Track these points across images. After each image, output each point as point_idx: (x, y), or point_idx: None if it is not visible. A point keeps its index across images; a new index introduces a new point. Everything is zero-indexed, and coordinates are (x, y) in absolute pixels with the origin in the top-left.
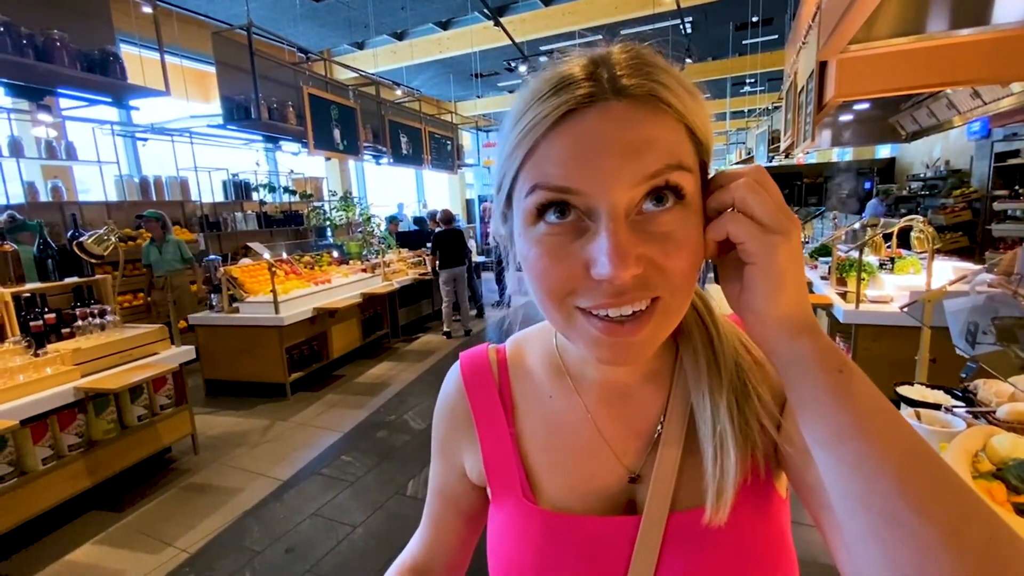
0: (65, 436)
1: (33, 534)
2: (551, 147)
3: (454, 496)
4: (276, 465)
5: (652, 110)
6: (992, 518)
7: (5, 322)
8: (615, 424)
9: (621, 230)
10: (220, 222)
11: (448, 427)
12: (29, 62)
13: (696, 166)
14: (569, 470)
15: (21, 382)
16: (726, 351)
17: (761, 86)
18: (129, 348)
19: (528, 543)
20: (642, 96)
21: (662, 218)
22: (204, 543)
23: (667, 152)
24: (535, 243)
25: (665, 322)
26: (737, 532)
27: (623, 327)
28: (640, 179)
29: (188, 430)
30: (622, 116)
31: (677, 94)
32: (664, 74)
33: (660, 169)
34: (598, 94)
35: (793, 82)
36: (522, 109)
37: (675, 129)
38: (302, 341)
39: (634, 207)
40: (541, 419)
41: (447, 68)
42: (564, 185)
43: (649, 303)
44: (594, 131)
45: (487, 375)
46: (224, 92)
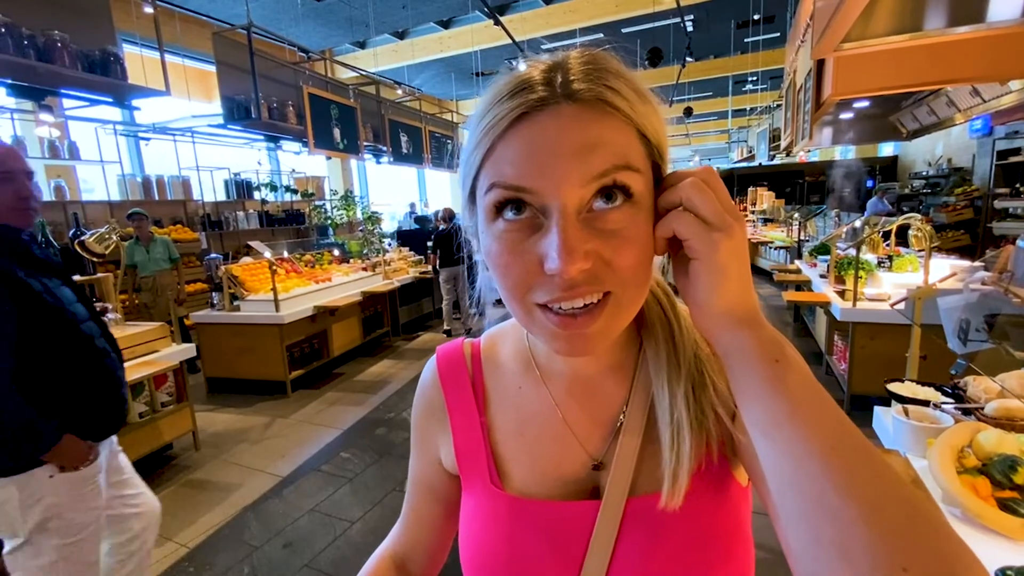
0: None
1: None
2: (507, 148)
3: (431, 486)
4: (276, 462)
5: (600, 113)
6: (912, 497)
7: None
8: (580, 414)
9: (570, 227)
10: (222, 221)
11: (424, 418)
12: (30, 63)
13: (647, 167)
14: (536, 458)
15: None
16: (686, 343)
17: (763, 84)
18: (131, 346)
19: (495, 526)
20: (591, 100)
21: (611, 216)
22: (204, 538)
23: (614, 153)
24: (495, 239)
25: (618, 314)
26: (692, 517)
27: (576, 320)
28: (588, 178)
29: (189, 427)
30: (572, 119)
31: (626, 98)
32: (615, 79)
33: (607, 169)
34: (550, 98)
35: (792, 80)
36: (483, 110)
37: (624, 131)
38: (303, 339)
39: (584, 205)
40: (511, 409)
41: (448, 67)
42: (518, 184)
43: (601, 297)
44: (546, 133)
45: (461, 368)
46: (225, 92)
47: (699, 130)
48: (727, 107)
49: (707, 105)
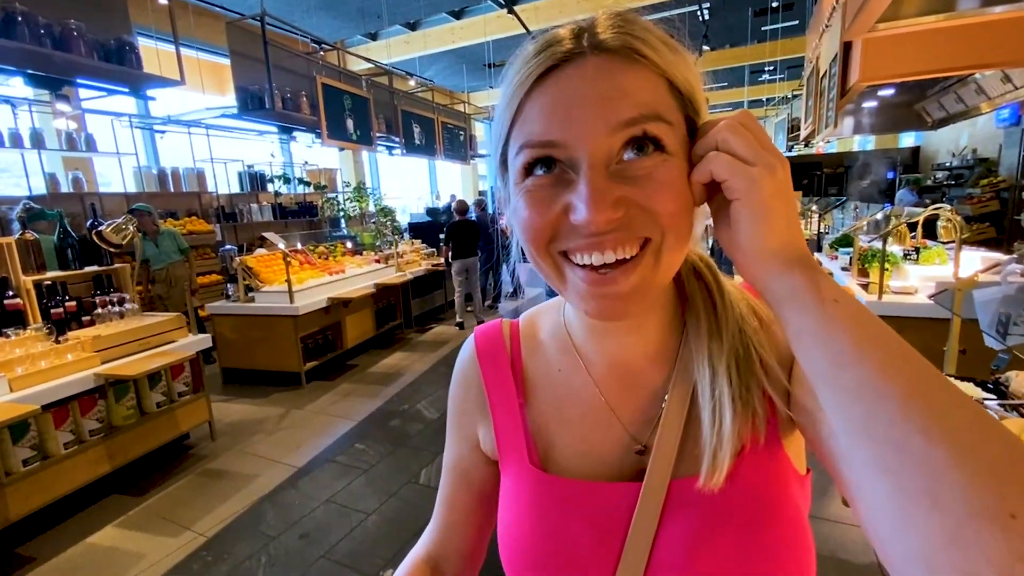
0: (86, 421)
1: (55, 517)
2: (534, 105)
3: (467, 472)
4: (291, 452)
5: (627, 62)
6: (1009, 436)
7: (27, 309)
8: (623, 397)
9: (598, 176)
10: (236, 213)
11: (462, 400)
12: (47, 51)
13: (679, 119)
14: (578, 439)
15: (43, 368)
16: (729, 317)
17: (780, 74)
18: (147, 336)
19: (533, 507)
20: (617, 48)
21: (643, 163)
22: (221, 527)
23: (642, 103)
24: (523, 195)
25: (656, 267)
26: (738, 501)
27: (607, 276)
28: (615, 126)
29: (205, 417)
30: (597, 69)
31: (654, 47)
32: (641, 29)
33: (635, 117)
34: (575, 50)
35: (815, 67)
36: (512, 72)
37: (652, 81)
38: (317, 331)
39: (614, 156)
40: (551, 390)
41: (460, 58)
42: (545, 139)
43: (638, 250)
44: (571, 85)
45: (500, 348)
46: (238, 82)
47: None
48: (743, 98)
49: (722, 96)
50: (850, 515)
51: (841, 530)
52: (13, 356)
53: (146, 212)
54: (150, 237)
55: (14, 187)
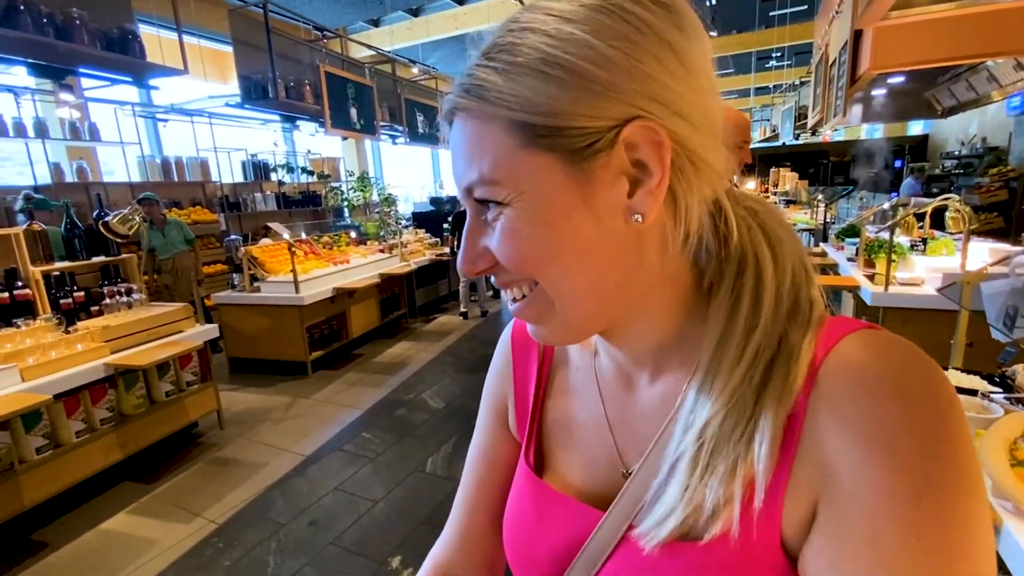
0: (97, 410)
1: (69, 504)
2: None
3: (495, 460)
4: (299, 441)
5: (464, 119)
6: None
7: (36, 300)
8: (622, 411)
9: (468, 231)
10: (240, 202)
11: (496, 381)
12: (50, 41)
13: (531, 157)
14: (575, 447)
15: (53, 358)
16: (741, 349)
17: (788, 60)
18: (156, 326)
19: (520, 507)
20: (457, 111)
21: (491, 218)
22: (231, 515)
23: (469, 168)
24: None
25: (555, 306)
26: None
27: (513, 304)
28: (463, 192)
29: (213, 406)
30: (453, 129)
31: (484, 87)
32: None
33: (467, 186)
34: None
35: (824, 55)
36: None
37: (481, 133)
38: (322, 320)
39: (480, 210)
40: (567, 389)
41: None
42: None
43: (528, 290)
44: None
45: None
46: (241, 71)
47: None
48: (750, 84)
49: (728, 83)
50: None
51: None
52: (24, 346)
53: (154, 202)
54: (157, 227)
55: (17, 176)
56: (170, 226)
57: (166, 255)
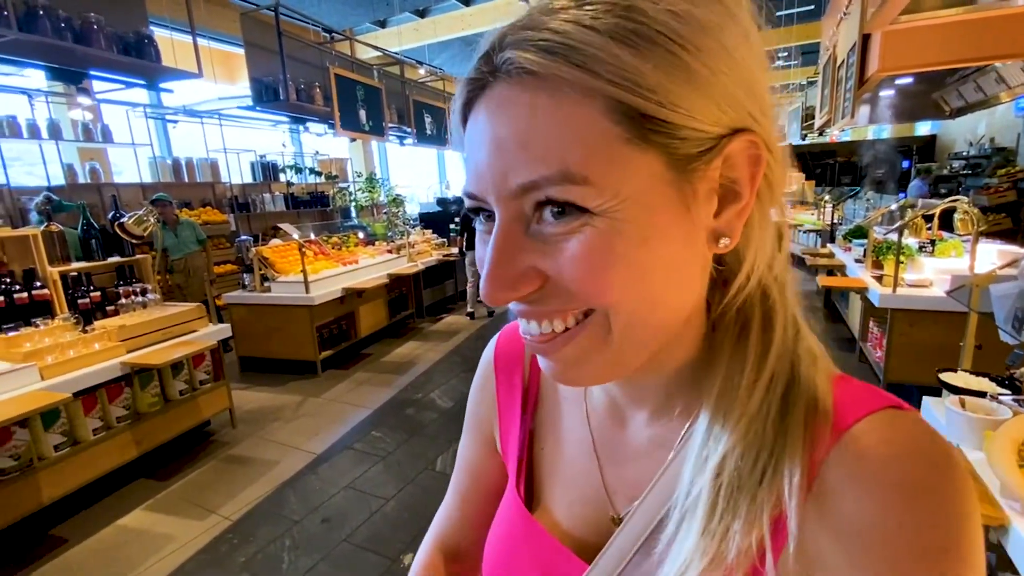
0: (113, 408)
1: (87, 500)
2: (466, 145)
3: (484, 472)
4: (310, 439)
5: (536, 89)
6: None
7: (54, 300)
8: (614, 452)
9: (498, 248)
10: (249, 203)
11: (479, 402)
12: (68, 45)
13: (634, 155)
14: (565, 482)
15: (71, 357)
16: (744, 408)
17: (794, 60)
18: (170, 325)
19: (506, 539)
20: (518, 72)
21: (558, 228)
22: (245, 512)
23: (542, 158)
24: (476, 235)
25: (607, 340)
26: None
27: (541, 344)
28: (512, 192)
29: (226, 404)
30: (498, 105)
31: (587, 53)
32: (575, 27)
33: (528, 183)
34: (482, 78)
35: (832, 56)
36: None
37: (573, 115)
38: (331, 320)
39: (529, 216)
40: (555, 417)
41: (470, 46)
42: (468, 191)
43: (582, 318)
44: (478, 127)
45: (517, 365)
46: (253, 73)
47: None
48: None
49: None
50: None
51: None
52: (43, 345)
53: (167, 202)
54: (170, 227)
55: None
56: (183, 226)
57: (178, 255)
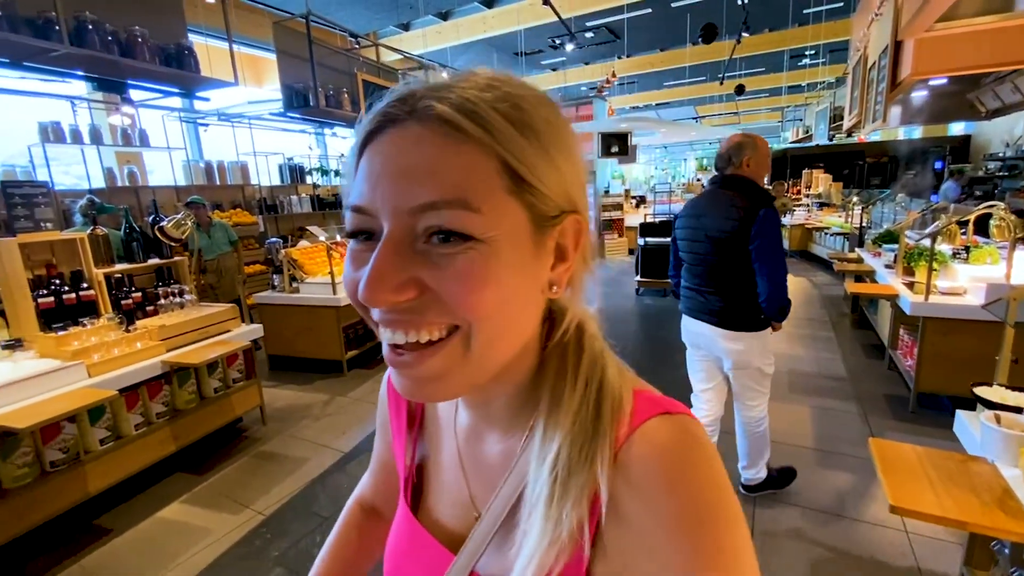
0: (153, 405)
1: (129, 492)
2: (361, 165)
3: (388, 460)
4: (338, 438)
5: (444, 137)
6: None
7: (99, 300)
8: (475, 463)
9: (386, 253)
10: (277, 204)
11: (381, 417)
12: (115, 58)
13: (508, 205)
14: (439, 490)
15: (116, 355)
16: (568, 415)
17: (822, 58)
18: (206, 325)
19: (397, 540)
20: (438, 118)
21: (444, 250)
22: (277, 507)
23: (447, 185)
24: (348, 253)
25: (467, 356)
26: None
27: (402, 358)
28: (416, 207)
29: (257, 402)
30: (414, 139)
31: (488, 122)
32: (480, 102)
33: (434, 201)
34: (397, 115)
35: (863, 57)
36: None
37: (473, 161)
38: (357, 321)
39: (418, 234)
40: (435, 432)
41: (491, 47)
42: (358, 204)
43: (445, 334)
44: (387, 151)
45: None
46: (284, 80)
47: (749, 108)
48: (781, 83)
49: (759, 81)
50: (888, 518)
51: (879, 532)
52: (89, 344)
53: (201, 205)
54: (203, 229)
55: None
56: (215, 228)
57: (211, 256)
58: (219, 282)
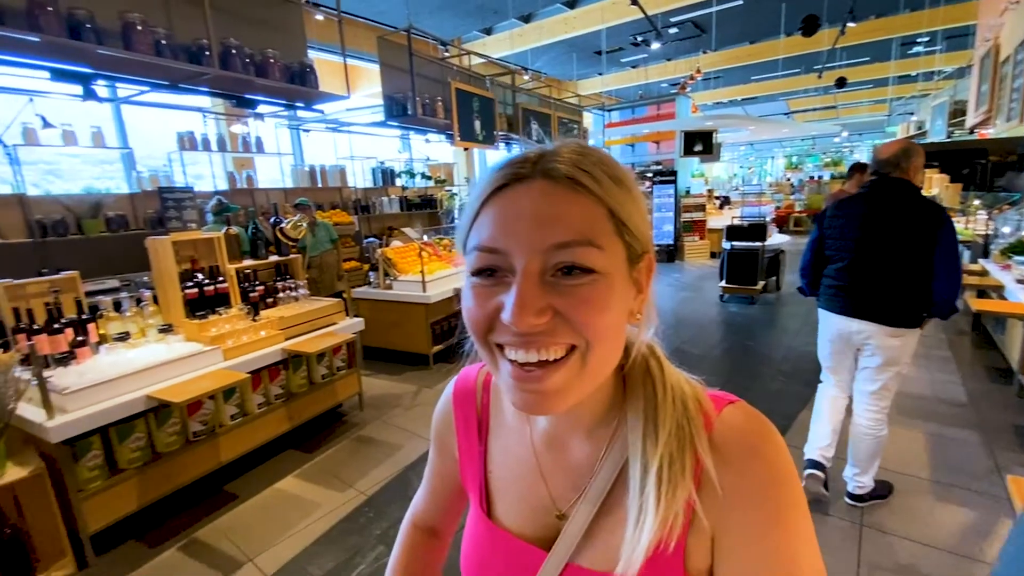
0: (273, 387)
1: (250, 463)
2: (488, 213)
3: (448, 476)
4: (426, 427)
5: (569, 190)
6: None
7: (231, 292)
8: (555, 466)
9: (529, 284)
10: (369, 205)
11: (441, 429)
12: (251, 79)
13: (615, 243)
14: (515, 495)
15: (245, 342)
16: (667, 413)
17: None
18: (316, 317)
19: (476, 543)
20: (562, 177)
21: (572, 281)
22: (377, 489)
23: (575, 228)
24: (471, 287)
25: (582, 371)
26: None
27: (532, 374)
28: (548, 247)
29: (356, 390)
30: (543, 192)
31: (598, 180)
32: (591, 164)
33: (566, 241)
34: (527, 174)
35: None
36: (481, 181)
37: (590, 209)
38: (443, 317)
39: (548, 269)
40: (504, 443)
41: (570, 47)
42: (491, 246)
43: (564, 353)
44: (519, 202)
45: (471, 397)
46: (386, 91)
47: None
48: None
49: (862, 72)
50: (936, 537)
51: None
52: (224, 331)
53: (308, 206)
54: (309, 228)
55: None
56: (319, 227)
57: (315, 253)
58: (321, 277)
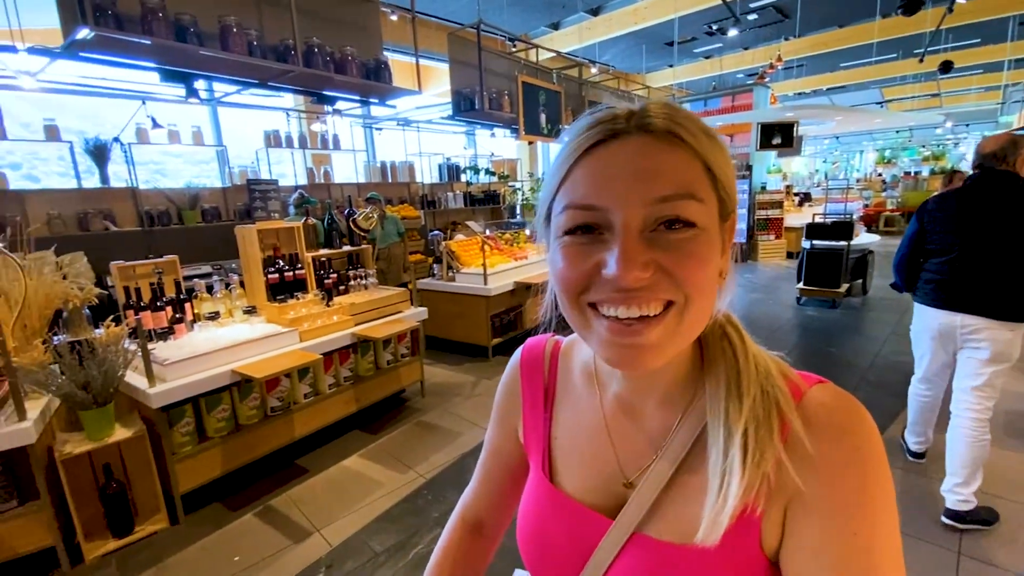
0: (342, 369)
1: (320, 440)
2: (581, 172)
3: (506, 454)
4: (484, 417)
5: (668, 144)
6: None
7: (308, 279)
8: (625, 433)
9: (631, 239)
10: (435, 200)
11: (505, 398)
12: (331, 75)
13: (712, 197)
14: (580, 462)
15: (319, 326)
16: (751, 379)
17: None
18: (384, 305)
19: (537, 509)
20: (658, 132)
21: (674, 235)
22: (436, 473)
23: (678, 181)
24: (561, 249)
25: (678, 328)
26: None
27: (630, 328)
28: (652, 200)
29: (418, 377)
30: (639, 147)
31: (693, 133)
32: (684, 118)
33: (670, 194)
34: (622, 130)
35: None
36: (565, 142)
37: (688, 162)
38: (503, 310)
39: (649, 224)
40: (571, 411)
41: (639, 39)
42: (587, 203)
43: (662, 309)
44: (616, 158)
45: (539, 364)
46: (455, 87)
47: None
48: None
49: (970, 56)
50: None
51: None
52: (301, 315)
53: (378, 200)
54: (379, 221)
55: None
56: (388, 220)
57: (383, 245)
58: (388, 268)
